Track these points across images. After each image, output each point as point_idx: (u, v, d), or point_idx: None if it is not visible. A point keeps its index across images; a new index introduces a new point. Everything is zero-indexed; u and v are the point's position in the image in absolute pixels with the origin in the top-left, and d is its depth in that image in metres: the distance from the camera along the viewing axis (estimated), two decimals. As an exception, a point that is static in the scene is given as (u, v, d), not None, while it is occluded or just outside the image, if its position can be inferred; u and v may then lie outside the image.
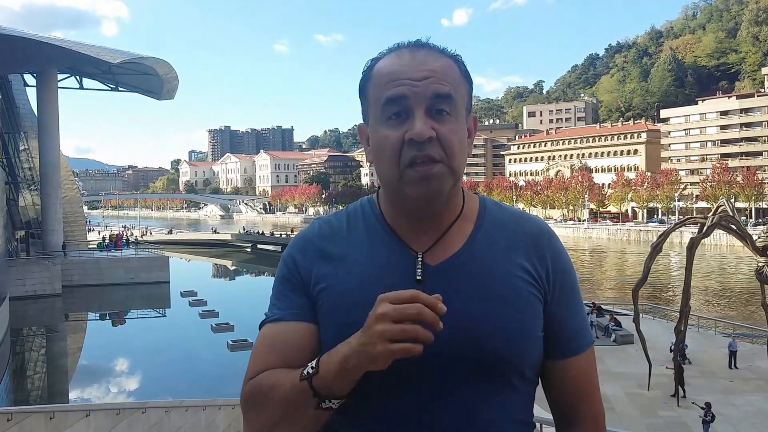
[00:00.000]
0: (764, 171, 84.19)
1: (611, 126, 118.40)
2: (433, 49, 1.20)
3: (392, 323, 1.01)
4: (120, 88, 54.55)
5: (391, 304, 1.02)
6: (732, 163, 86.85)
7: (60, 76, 48.56)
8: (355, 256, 1.23)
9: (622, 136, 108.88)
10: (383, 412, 1.17)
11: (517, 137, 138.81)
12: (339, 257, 1.24)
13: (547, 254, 1.25)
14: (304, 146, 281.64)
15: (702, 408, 14.95)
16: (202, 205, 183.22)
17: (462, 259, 1.21)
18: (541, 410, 1.76)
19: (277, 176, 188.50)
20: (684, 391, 17.33)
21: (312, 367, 1.10)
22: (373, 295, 1.06)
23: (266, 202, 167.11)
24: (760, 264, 17.80)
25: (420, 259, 1.20)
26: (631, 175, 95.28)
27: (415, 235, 1.23)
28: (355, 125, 1.35)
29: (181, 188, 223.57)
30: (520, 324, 1.18)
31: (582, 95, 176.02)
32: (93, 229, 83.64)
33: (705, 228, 17.50)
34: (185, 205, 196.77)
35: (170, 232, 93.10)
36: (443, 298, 1.12)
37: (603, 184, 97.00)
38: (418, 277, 1.18)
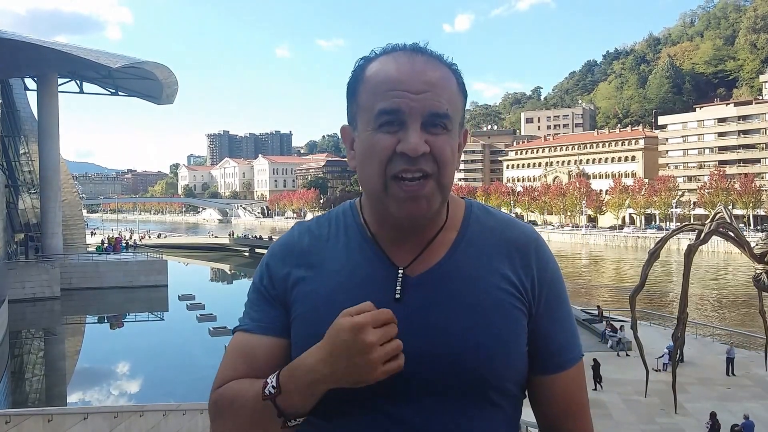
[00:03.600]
0: (762, 178, 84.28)
1: (609, 132, 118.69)
2: (432, 55, 1.13)
3: (380, 347, 1.00)
4: (120, 93, 54.68)
5: (374, 328, 1.00)
6: (730, 170, 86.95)
7: (60, 80, 48.68)
8: (333, 266, 1.18)
9: (619, 143, 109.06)
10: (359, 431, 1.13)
11: (514, 143, 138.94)
12: (317, 267, 1.19)
13: (533, 264, 1.19)
14: (302, 151, 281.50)
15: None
16: (201, 209, 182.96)
17: (442, 271, 1.16)
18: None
19: (276, 181, 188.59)
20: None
21: (273, 387, 1.06)
22: (347, 308, 1.04)
23: (264, 207, 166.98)
24: (758, 271, 17.86)
25: (400, 276, 1.15)
26: (629, 181, 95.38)
27: (396, 246, 1.18)
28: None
29: (179, 192, 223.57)
30: (500, 339, 1.12)
31: (580, 102, 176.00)
32: (95, 233, 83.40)
33: (703, 235, 17.54)
34: (184, 209, 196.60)
35: (159, 236, 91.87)
36: (421, 312, 1.12)
37: (600, 190, 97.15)
38: (396, 296, 1.13)
